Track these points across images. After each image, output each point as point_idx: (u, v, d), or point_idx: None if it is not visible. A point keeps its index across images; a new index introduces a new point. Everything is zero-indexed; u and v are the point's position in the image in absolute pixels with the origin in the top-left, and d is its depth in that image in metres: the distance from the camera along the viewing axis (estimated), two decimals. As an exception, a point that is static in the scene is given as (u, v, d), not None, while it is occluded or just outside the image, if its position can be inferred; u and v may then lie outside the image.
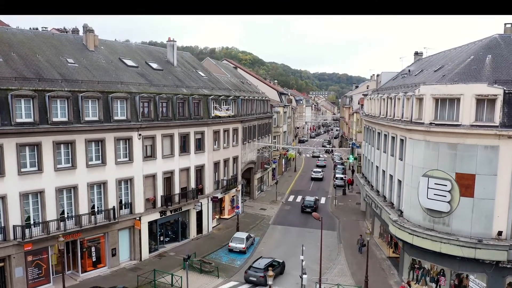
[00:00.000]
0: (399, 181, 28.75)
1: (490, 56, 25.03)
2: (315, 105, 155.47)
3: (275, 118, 54.71)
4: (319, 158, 75.87)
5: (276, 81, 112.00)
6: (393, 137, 30.31)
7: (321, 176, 59.09)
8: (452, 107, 24.06)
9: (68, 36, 31.18)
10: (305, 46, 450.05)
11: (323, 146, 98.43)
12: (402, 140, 28.18)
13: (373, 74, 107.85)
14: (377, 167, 34.98)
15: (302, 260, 24.64)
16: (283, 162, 61.08)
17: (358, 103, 73.72)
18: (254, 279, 26.14)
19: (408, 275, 27.40)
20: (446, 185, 23.96)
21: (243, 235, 32.57)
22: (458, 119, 23.58)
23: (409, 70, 35.15)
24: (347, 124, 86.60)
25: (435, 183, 24.45)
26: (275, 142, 55.39)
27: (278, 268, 27.61)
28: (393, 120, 30.17)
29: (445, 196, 24.03)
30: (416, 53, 42.03)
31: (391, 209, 29.67)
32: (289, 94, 73.45)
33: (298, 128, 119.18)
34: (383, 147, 32.94)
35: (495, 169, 22.80)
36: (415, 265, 26.91)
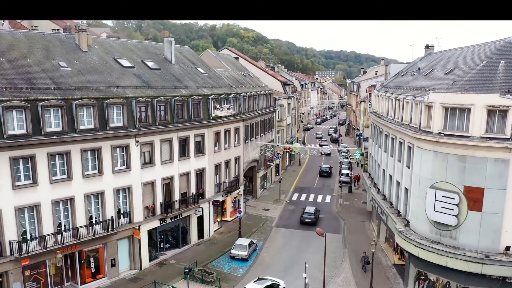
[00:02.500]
0: (406, 189, 28.98)
1: (503, 62, 24.79)
2: (321, 88, 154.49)
3: (279, 112, 54.69)
4: (322, 142, 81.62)
5: (280, 65, 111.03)
6: (400, 142, 30.37)
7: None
8: (462, 117, 24.05)
9: (60, 36, 31.05)
10: (310, 21, 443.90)
11: (329, 134, 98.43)
12: (410, 147, 28.26)
13: (383, 59, 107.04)
14: (383, 170, 35.16)
15: (305, 278, 25.12)
16: (287, 156, 61.33)
17: (366, 92, 73.38)
18: None
19: (414, 286, 27.93)
20: (454, 199, 24.17)
21: (245, 241, 33.12)
22: (468, 130, 23.59)
23: (418, 69, 34.87)
24: (354, 112, 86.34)
25: (443, 196, 24.66)
26: (278, 137, 55.50)
27: None
28: (401, 125, 30.16)
29: (453, 210, 24.27)
30: (427, 47, 41.60)
31: (397, 217, 30.00)
32: (293, 83, 72.98)
33: (303, 114, 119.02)
34: (391, 150, 33.03)
35: (505, 183, 22.95)
36: (421, 276, 27.39)
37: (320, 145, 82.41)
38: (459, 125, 24.19)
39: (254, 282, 27.33)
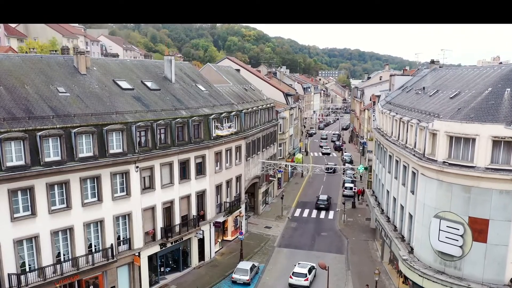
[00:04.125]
0: (410, 215, 29.20)
1: (509, 90, 24.95)
2: (323, 91, 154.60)
3: (281, 124, 54.95)
4: (324, 145, 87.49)
5: (282, 69, 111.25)
6: (405, 166, 30.58)
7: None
8: (467, 146, 24.26)
9: (58, 59, 31.34)
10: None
11: (332, 141, 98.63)
12: (414, 173, 28.47)
13: (387, 64, 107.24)
14: (387, 191, 35.37)
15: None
16: (289, 166, 61.46)
17: (370, 100, 73.55)
18: None
19: (418, 313, 28.14)
20: (458, 229, 24.41)
21: (246, 265, 33.40)
22: (473, 161, 23.80)
23: (423, 88, 35.04)
24: (358, 119, 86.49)
25: (447, 226, 24.90)
26: (280, 150, 55.78)
27: None
28: (405, 148, 30.38)
29: (457, 240, 24.51)
30: (433, 62, 41.84)
31: (401, 242, 30.23)
32: (296, 93, 73.17)
33: (306, 118, 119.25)
34: (395, 172, 33.23)
35: (510, 215, 23.19)
36: (426, 305, 27.61)
37: (321, 146, 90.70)
38: (464, 154, 24.41)
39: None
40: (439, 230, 25.26)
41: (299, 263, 34.03)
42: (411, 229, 29.11)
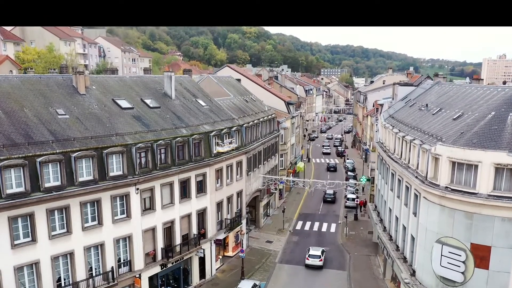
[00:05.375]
0: (412, 237, 29.55)
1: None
2: (326, 92, 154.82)
3: (283, 135, 55.32)
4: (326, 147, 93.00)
5: (283, 71, 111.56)
6: (407, 187, 30.92)
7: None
8: (469, 172, 24.60)
9: (57, 79, 31.61)
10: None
11: (334, 146, 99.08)
12: (416, 195, 28.82)
13: (391, 68, 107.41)
14: (390, 209, 35.73)
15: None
16: (291, 177, 61.88)
17: (373, 106, 73.85)
18: None
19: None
20: (460, 255, 24.76)
21: (248, 284, 33.79)
22: (475, 187, 24.14)
23: (426, 105, 35.34)
24: (361, 124, 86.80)
25: (449, 252, 25.26)
26: (282, 160, 56.16)
27: None
28: (408, 168, 30.71)
29: (459, 266, 24.87)
30: (436, 75, 42.17)
31: (404, 263, 30.61)
32: (298, 100, 73.47)
33: (307, 121, 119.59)
34: (397, 191, 33.58)
35: (513, 243, 23.52)
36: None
37: (323, 146, 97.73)
38: (467, 180, 24.75)
39: None
40: (441, 255, 25.62)
41: (311, 247, 41.34)
42: (413, 251, 29.47)
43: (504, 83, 41.73)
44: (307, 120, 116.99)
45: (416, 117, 35.46)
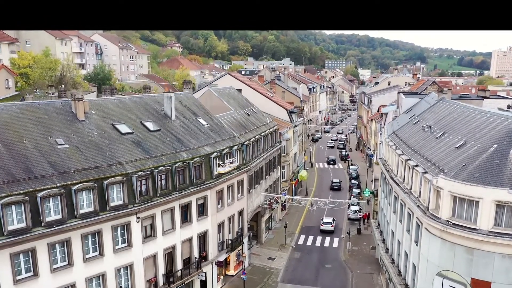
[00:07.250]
0: (414, 266, 30.37)
1: (514, 149, 25.84)
2: (330, 88, 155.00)
3: (285, 146, 56.01)
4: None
5: (285, 71, 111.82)
6: (409, 214, 31.67)
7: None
8: (470, 207, 25.29)
9: (56, 105, 32.23)
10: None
11: (338, 148, 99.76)
12: (418, 225, 29.57)
13: (396, 68, 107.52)
14: (392, 232, 36.52)
15: None
16: (293, 187, 62.78)
17: (378, 111, 74.34)
18: None
19: None
20: (461, 290, 25.59)
21: (249, 308, 34.81)
22: (476, 223, 24.86)
23: (430, 127, 35.92)
24: (365, 127, 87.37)
25: (450, 286, 26.08)
26: (284, 172, 56.91)
27: None
28: (410, 195, 31.42)
29: (460, 301, 25.70)
30: (441, 91, 42.60)
31: (406, 291, 31.48)
32: (301, 105, 73.97)
33: (311, 120, 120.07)
34: (399, 215, 34.33)
35: (513, 279, 24.30)
36: None
37: (327, 159, 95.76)
38: (468, 215, 25.45)
39: None
40: (442, 288, 26.46)
41: (324, 217, 54.64)
42: (415, 279, 30.32)
43: (509, 107, 42.07)
44: (310, 120, 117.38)
45: (419, 139, 36.04)
